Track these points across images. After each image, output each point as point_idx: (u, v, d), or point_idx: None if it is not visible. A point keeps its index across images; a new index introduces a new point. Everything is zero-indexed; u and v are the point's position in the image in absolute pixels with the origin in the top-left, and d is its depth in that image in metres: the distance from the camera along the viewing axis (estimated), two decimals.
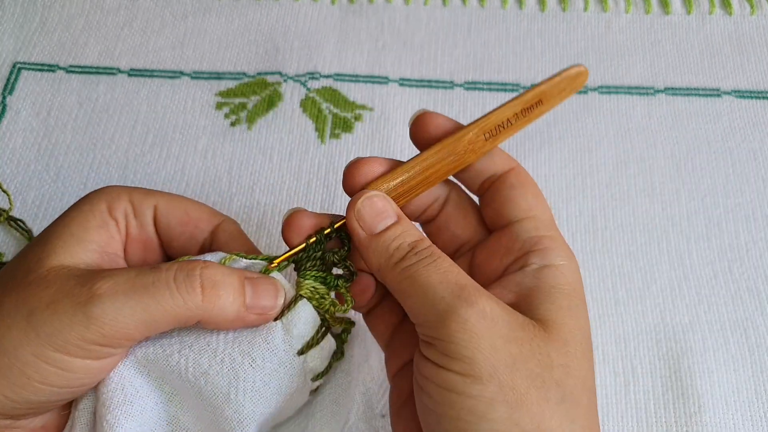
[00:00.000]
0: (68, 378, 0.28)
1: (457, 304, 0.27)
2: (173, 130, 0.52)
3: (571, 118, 0.53)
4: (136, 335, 0.28)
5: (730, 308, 0.45)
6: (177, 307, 0.28)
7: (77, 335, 0.27)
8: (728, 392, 0.42)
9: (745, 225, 0.48)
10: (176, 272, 0.29)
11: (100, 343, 0.28)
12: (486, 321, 0.27)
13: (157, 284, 0.28)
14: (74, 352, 0.28)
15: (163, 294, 0.28)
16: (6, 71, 0.54)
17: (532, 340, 0.27)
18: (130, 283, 0.28)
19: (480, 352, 0.26)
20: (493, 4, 0.59)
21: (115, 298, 0.27)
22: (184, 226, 0.33)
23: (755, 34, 0.57)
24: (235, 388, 0.30)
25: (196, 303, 0.28)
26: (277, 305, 0.31)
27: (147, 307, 0.28)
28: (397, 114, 0.53)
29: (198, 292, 0.28)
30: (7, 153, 0.51)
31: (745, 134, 0.52)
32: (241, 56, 0.56)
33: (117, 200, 0.32)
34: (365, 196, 0.30)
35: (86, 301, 0.27)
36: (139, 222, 0.33)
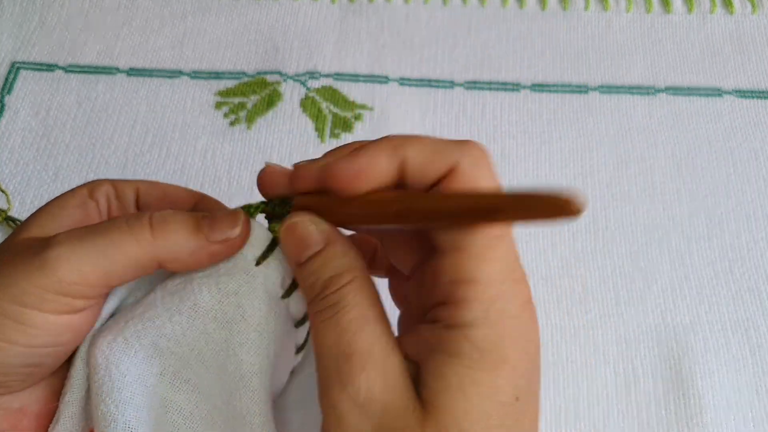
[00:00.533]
0: (30, 335, 0.27)
1: (331, 383, 0.24)
2: (172, 130, 0.52)
3: (572, 118, 0.53)
4: (93, 280, 0.27)
5: (731, 308, 0.45)
6: (129, 246, 0.27)
7: (34, 282, 0.27)
8: (729, 393, 0.42)
9: (746, 225, 0.48)
10: (128, 217, 0.28)
11: (58, 291, 0.27)
12: (356, 408, 0.24)
13: (110, 227, 0.28)
14: (32, 303, 0.27)
15: (114, 234, 0.27)
16: (5, 71, 0.54)
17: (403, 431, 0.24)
18: (85, 230, 0.28)
19: None
20: (494, 3, 0.59)
21: (70, 242, 0.27)
22: (162, 201, 0.33)
23: (756, 34, 0.57)
24: (230, 342, 0.29)
25: (147, 239, 0.28)
26: (237, 231, 0.29)
27: (100, 248, 0.27)
28: (397, 114, 0.53)
29: (146, 228, 0.28)
30: (5, 153, 0.50)
31: (746, 134, 0.52)
32: (240, 56, 0.55)
33: (98, 184, 0.32)
34: (287, 224, 0.28)
35: (42, 249, 0.27)
36: (121, 203, 0.32)
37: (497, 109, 0.53)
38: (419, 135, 0.26)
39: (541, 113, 0.53)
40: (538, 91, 0.54)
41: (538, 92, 0.54)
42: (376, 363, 0.24)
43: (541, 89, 0.54)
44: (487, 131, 0.52)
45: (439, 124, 0.52)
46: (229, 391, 0.30)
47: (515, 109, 0.53)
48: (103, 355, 0.30)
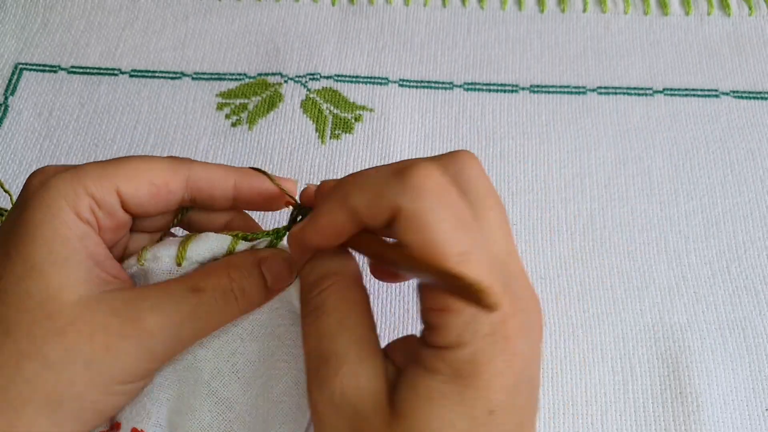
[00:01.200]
0: (132, 396, 0.30)
1: (312, 385, 0.26)
2: (174, 131, 0.52)
3: (570, 119, 0.53)
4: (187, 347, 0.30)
5: (728, 308, 0.45)
6: (221, 322, 0.30)
7: (139, 367, 0.28)
8: (726, 391, 0.42)
9: (743, 225, 0.48)
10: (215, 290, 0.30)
11: (159, 365, 0.29)
12: (332, 409, 0.25)
13: (201, 307, 0.29)
14: (138, 378, 0.29)
15: (209, 318, 0.29)
16: (8, 72, 0.55)
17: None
18: (177, 314, 0.29)
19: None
20: (493, 5, 0.59)
21: (166, 331, 0.28)
22: (156, 197, 0.31)
23: (753, 35, 0.57)
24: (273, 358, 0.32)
25: (236, 314, 0.30)
26: (293, 278, 0.31)
27: (194, 330, 0.29)
28: (397, 115, 0.53)
29: (236, 305, 0.30)
30: (8, 153, 0.51)
31: (743, 134, 0.52)
32: (241, 57, 0.56)
33: (78, 199, 0.28)
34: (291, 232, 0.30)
35: (141, 336, 0.28)
36: (106, 212, 0.30)
37: (496, 110, 0.54)
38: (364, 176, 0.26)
39: (539, 114, 0.53)
40: (537, 92, 0.54)
41: (536, 93, 0.54)
42: (350, 367, 0.25)
43: (540, 90, 0.54)
44: (486, 132, 0.52)
45: (438, 125, 0.53)
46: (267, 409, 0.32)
47: (514, 110, 0.54)
48: None
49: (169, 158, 0.31)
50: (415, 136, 0.52)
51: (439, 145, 0.51)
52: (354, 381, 0.25)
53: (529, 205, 0.49)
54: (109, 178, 0.29)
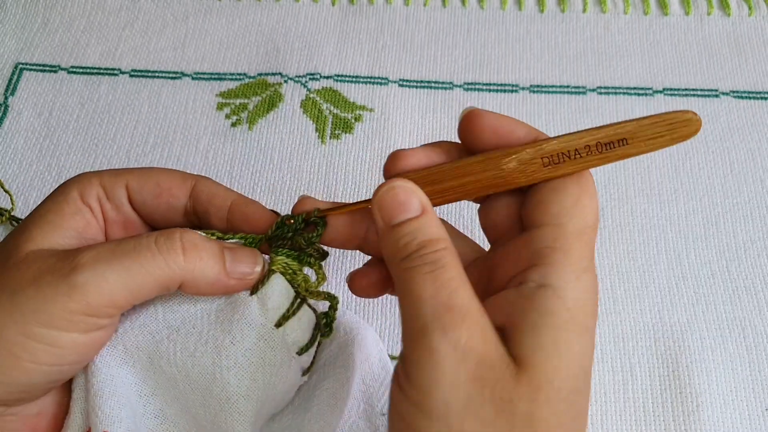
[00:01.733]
0: (57, 355, 0.28)
1: (432, 328, 0.25)
2: (174, 131, 0.52)
3: (570, 119, 0.53)
4: (121, 302, 0.28)
5: (727, 307, 0.45)
6: (159, 269, 0.28)
7: (62, 307, 0.27)
8: (726, 390, 0.42)
9: (742, 225, 0.48)
10: (157, 236, 0.29)
11: (86, 312, 0.28)
12: (455, 353, 0.25)
13: (138, 248, 0.28)
14: (61, 326, 0.28)
15: (145, 256, 0.28)
16: (8, 72, 0.55)
17: (497, 383, 0.25)
18: (111, 251, 0.28)
19: (439, 387, 0.25)
20: (493, 5, 0.59)
21: (97, 265, 0.28)
22: (159, 198, 0.32)
23: (753, 35, 0.57)
24: (219, 365, 0.30)
25: (178, 263, 0.29)
26: (255, 271, 0.31)
27: (130, 271, 0.28)
28: (397, 114, 0.53)
29: (179, 252, 0.29)
30: (9, 153, 0.51)
31: (743, 134, 0.52)
32: (241, 57, 0.56)
33: (88, 186, 0.31)
34: (388, 186, 0.29)
35: (69, 271, 0.27)
36: (113, 204, 0.32)
37: (496, 109, 0.53)
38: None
39: (539, 114, 0.53)
40: (537, 92, 0.54)
41: (536, 93, 0.54)
42: (474, 317, 0.26)
43: (540, 90, 0.54)
44: None
45: (438, 125, 0.53)
46: (214, 412, 0.31)
47: (514, 110, 0.54)
48: (103, 361, 0.31)
49: (183, 172, 0.33)
50: (415, 136, 0.52)
51: None
52: (480, 331, 0.25)
53: None
54: (122, 175, 0.32)
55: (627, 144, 0.28)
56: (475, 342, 0.25)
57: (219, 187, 0.33)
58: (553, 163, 0.28)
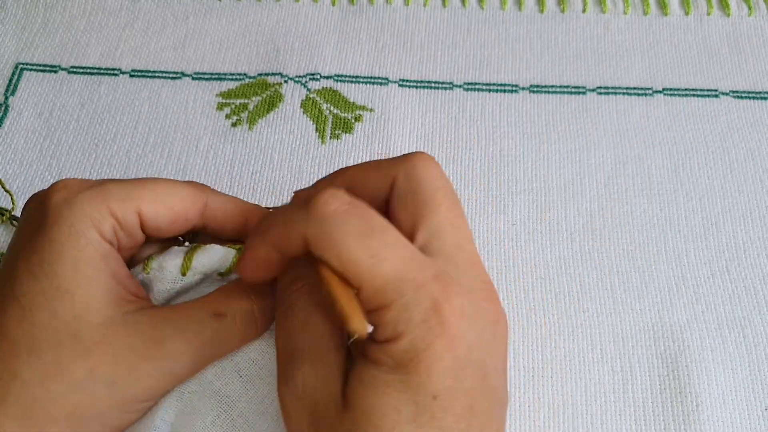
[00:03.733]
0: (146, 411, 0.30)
1: (280, 379, 0.27)
2: (174, 131, 0.52)
3: (570, 119, 0.53)
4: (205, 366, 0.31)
5: (727, 307, 0.45)
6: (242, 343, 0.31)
7: (159, 387, 0.29)
8: (726, 391, 0.42)
9: (742, 225, 0.48)
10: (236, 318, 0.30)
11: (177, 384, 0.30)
12: (296, 402, 0.26)
13: (222, 332, 0.30)
14: (156, 397, 0.30)
15: (229, 339, 0.30)
16: (8, 72, 0.55)
17: (328, 424, 0.26)
18: (199, 339, 0.29)
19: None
20: (493, 5, 0.59)
21: (187, 355, 0.29)
22: (174, 224, 0.32)
23: (753, 35, 0.57)
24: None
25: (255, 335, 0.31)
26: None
27: (214, 352, 0.30)
28: (397, 115, 0.53)
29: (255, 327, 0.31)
30: (9, 153, 0.51)
31: (743, 134, 0.52)
32: (241, 57, 0.56)
33: (102, 219, 0.29)
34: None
35: (164, 359, 0.28)
36: (127, 233, 0.31)
37: (496, 110, 0.54)
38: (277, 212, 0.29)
39: (539, 114, 0.53)
40: (537, 92, 0.54)
41: (536, 93, 0.54)
42: (312, 362, 0.26)
43: (540, 90, 0.55)
44: (486, 132, 0.52)
45: (438, 125, 0.53)
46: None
47: (514, 110, 0.54)
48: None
49: (190, 185, 0.32)
50: (415, 136, 0.52)
51: (439, 145, 0.52)
52: (313, 376, 0.26)
53: (528, 205, 0.49)
54: (133, 200, 0.30)
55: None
56: (309, 387, 0.26)
57: (230, 204, 0.33)
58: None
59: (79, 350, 0.27)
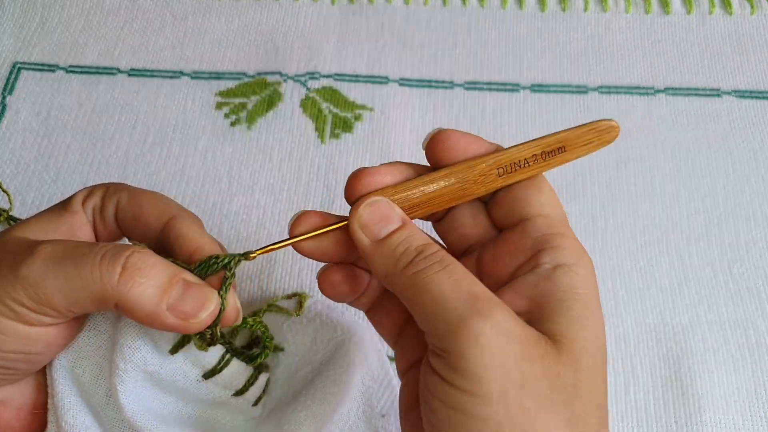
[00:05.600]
0: (2, 341, 0.28)
1: (470, 316, 0.25)
2: (173, 130, 0.52)
3: (571, 118, 0.53)
4: (58, 306, 0.28)
5: (730, 308, 0.45)
6: (94, 283, 0.27)
7: (5, 293, 0.27)
8: (728, 392, 0.42)
9: (745, 225, 0.48)
10: (108, 249, 0.28)
11: (25, 305, 0.28)
12: (500, 336, 0.25)
13: (86, 257, 0.28)
14: (4, 312, 0.28)
15: (85, 266, 0.28)
16: (6, 71, 0.54)
17: (543, 358, 0.26)
18: (65, 251, 0.28)
19: (492, 371, 0.25)
20: (493, 4, 0.59)
21: (45, 262, 0.28)
22: (137, 221, 0.32)
23: (755, 34, 0.57)
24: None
25: (111, 283, 0.27)
26: (200, 317, 0.29)
27: (68, 277, 0.27)
28: (397, 114, 0.53)
29: (116, 272, 0.28)
30: (6, 153, 0.51)
31: (745, 134, 0.52)
32: (241, 56, 0.56)
33: (91, 195, 0.33)
34: (367, 202, 0.29)
35: (20, 261, 0.28)
36: (102, 216, 0.33)
37: (497, 109, 0.53)
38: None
39: (540, 113, 0.53)
40: (538, 91, 0.54)
41: (537, 93, 0.54)
42: (500, 302, 0.27)
43: (541, 90, 0.54)
44: (487, 132, 0.52)
45: (438, 125, 0.52)
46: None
47: (515, 109, 0.53)
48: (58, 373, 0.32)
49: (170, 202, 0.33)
50: (415, 135, 0.52)
51: None
52: (510, 313, 0.26)
53: None
54: (120, 191, 0.33)
55: (565, 151, 0.32)
56: (511, 323, 0.26)
57: (191, 229, 0.32)
58: (507, 173, 0.31)
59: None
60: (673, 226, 0.48)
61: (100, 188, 0.33)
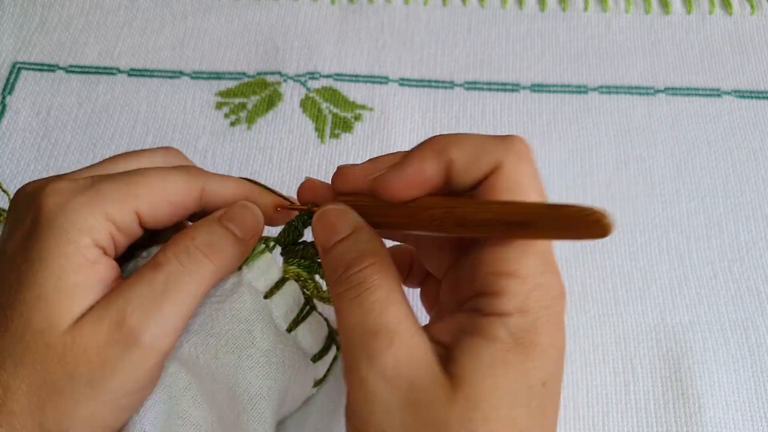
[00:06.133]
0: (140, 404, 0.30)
1: (359, 358, 0.25)
2: (173, 130, 0.52)
3: (571, 118, 0.53)
4: (181, 328, 0.29)
5: (730, 308, 0.45)
6: (199, 285, 0.29)
7: (138, 372, 0.28)
8: (728, 392, 0.42)
9: (745, 225, 0.48)
10: (177, 256, 0.28)
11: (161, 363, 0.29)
12: (384, 383, 0.25)
13: (170, 279, 0.28)
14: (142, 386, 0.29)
15: (182, 285, 0.28)
16: (6, 71, 0.54)
17: (431, 405, 0.24)
18: (150, 298, 0.28)
19: (373, 416, 0.25)
20: (493, 3, 0.59)
21: (149, 324, 0.27)
22: (174, 216, 0.31)
23: (755, 34, 0.57)
24: (240, 366, 0.31)
25: (211, 271, 0.29)
26: (259, 223, 0.31)
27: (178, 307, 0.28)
28: (397, 114, 0.53)
29: (207, 261, 0.29)
30: (6, 153, 0.51)
31: (745, 134, 0.52)
32: (240, 56, 0.56)
33: (98, 226, 0.28)
34: (319, 212, 0.29)
35: (133, 341, 0.27)
36: (125, 234, 0.30)
37: (497, 109, 0.53)
38: (463, 135, 0.27)
39: (540, 113, 0.53)
40: (538, 91, 0.54)
41: (537, 93, 0.54)
42: (402, 340, 0.25)
43: (541, 90, 0.54)
44: (487, 131, 0.52)
45: (438, 125, 0.53)
46: (237, 412, 0.31)
47: (515, 109, 0.53)
48: None
49: (184, 172, 0.31)
50: (416, 135, 0.52)
51: None
52: (408, 353, 0.25)
53: None
54: (129, 201, 0.29)
55: (529, 228, 0.25)
56: (403, 366, 0.25)
57: (226, 185, 0.32)
58: (463, 225, 0.27)
59: (55, 357, 0.27)
60: (673, 226, 0.48)
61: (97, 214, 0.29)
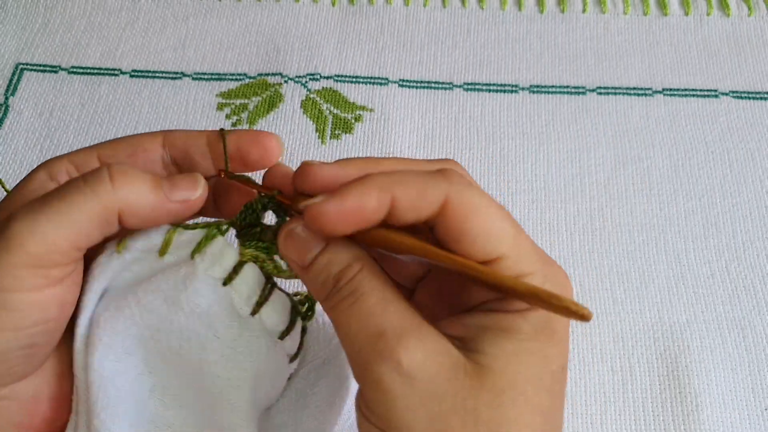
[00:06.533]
0: (16, 317, 0.27)
1: (371, 359, 0.25)
2: None
3: (570, 119, 0.53)
4: (63, 245, 0.27)
5: (727, 307, 0.45)
6: (89, 202, 0.27)
7: (3, 263, 0.26)
8: (725, 390, 0.42)
9: (742, 224, 0.48)
10: (85, 174, 0.28)
11: (30, 265, 0.26)
12: (401, 378, 0.24)
13: (67, 188, 0.27)
14: (9, 285, 0.26)
15: (72, 194, 0.27)
16: (8, 72, 0.55)
17: (456, 394, 0.25)
18: (42, 199, 0.27)
19: (395, 414, 0.25)
20: (493, 5, 0.59)
21: (30, 214, 0.26)
22: (134, 156, 0.31)
23: (753, 35, 0.58)
24: (205, 360, 0.30)
25: (107, 192, 0.27)
26: (197, 195, 0.29)
27: (60, 211, 0.27)
28: (397, 115, 0.53)
29: (107, 181, 0.27)
30: (9, 153, 0.51)
31: (742, 135, 0.53)
32: (242, 57, 0.56)
33: (55, 165, 0.30)
34: (285, 232, 0.28)
35: (3, 227, 0.26)
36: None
37: (496, 110, 0.54)
38: (402, 172, 0.26)
39: (539, 114, 0.53)
40: (537, 92, 0.54)
41: (536, 94, 0.54)
42: (411, 334, 0.25)
43: (540, 91, 0.55)
44: (486, 132, 0.52)
45: (438, 125, 0.53)
46: (211, 406, 0.31)
47: (514, 110, 0.54)
48: (97, 373, 0.30)
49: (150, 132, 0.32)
50: (415, 136, 0.52)
51: (439, 145, 0.52)
52: (421, 346, 0.25)
53: (528, 205, 0.49)
54: (93, 149, 0.31)
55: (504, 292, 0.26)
56: (418, 360, 0.25)
57: (188, 131, 0.32)
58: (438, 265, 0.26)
59: None
60: (670, 226, 0.48)
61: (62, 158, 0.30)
